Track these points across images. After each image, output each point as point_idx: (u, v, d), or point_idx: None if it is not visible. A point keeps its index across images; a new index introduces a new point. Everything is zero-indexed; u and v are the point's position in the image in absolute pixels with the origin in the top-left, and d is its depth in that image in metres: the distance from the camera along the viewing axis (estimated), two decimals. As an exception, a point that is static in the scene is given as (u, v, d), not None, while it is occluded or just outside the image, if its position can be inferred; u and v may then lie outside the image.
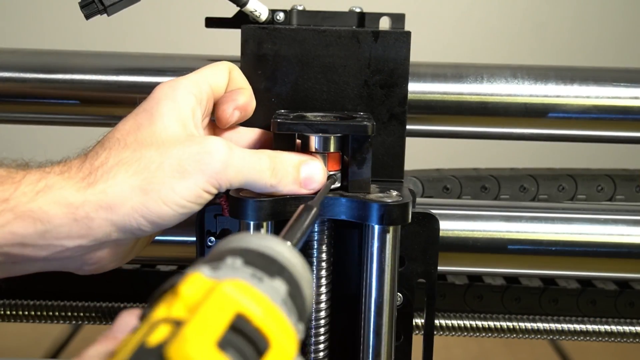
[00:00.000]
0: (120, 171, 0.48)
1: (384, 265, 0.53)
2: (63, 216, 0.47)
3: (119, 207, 0.47)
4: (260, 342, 0.31)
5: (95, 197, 0.47)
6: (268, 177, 0.51)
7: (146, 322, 0.32)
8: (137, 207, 0.48)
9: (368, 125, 0.53)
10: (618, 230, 0.65)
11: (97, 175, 0.48)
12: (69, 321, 0.73)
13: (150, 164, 0.48)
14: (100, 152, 0.49)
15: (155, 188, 0.48)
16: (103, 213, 0.47)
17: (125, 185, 0.48)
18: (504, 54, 1.74)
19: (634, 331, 0.70)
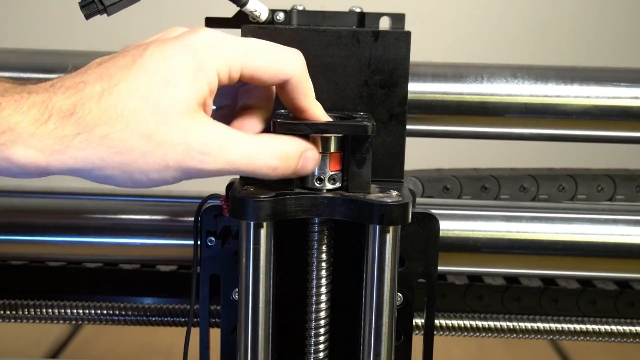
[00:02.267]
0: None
1: (384, 265, 0.53)
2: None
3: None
4: None
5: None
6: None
7: None
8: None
9: (368, 125, 0.53)
10: (618, 230, 0.65)
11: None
12: (69, 321, 0.73)
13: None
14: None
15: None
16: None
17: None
18: (504, 54, 1.74)
19: (634, 331, 0.70)
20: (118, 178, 0.48)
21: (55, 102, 0.46)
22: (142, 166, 0.47)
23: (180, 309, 0.71)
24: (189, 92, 0.48)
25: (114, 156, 0.47)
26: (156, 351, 1.29)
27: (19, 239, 0.67)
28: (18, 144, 0.46)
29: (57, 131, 0.46)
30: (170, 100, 0.47)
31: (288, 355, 0.61)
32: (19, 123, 0.46)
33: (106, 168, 0.47)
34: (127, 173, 0.48)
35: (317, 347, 0.58)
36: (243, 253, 0.54)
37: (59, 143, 0.46)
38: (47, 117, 0.46)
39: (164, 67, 0.48)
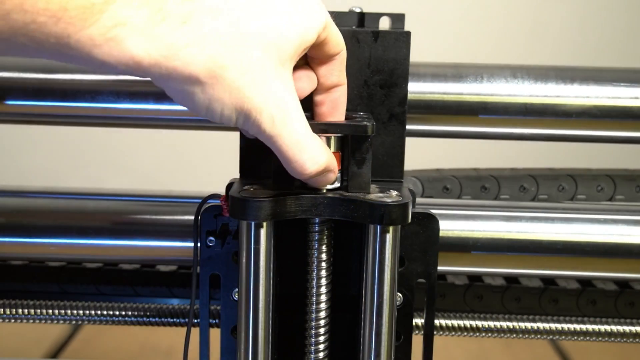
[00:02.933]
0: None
1: (384, 265, 0.53)
2: None
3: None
4: None
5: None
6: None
7: None
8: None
9: (368, 125, 0.53)
10: (618, 230, 0.65)
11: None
12: (69, 321, 0.73)
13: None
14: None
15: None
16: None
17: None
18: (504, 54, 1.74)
19: (634, 331, 0.70)
20: (197, 101, 0.48)
21: (169, 4, 0.45)
22: (224, 99, 0.47)
23: (180, 309, 0.71)
24: (297, 39, 0.48)
25: (209, 78, 0.46)
26: (156, 351, 1.29)
27: (19, 239, 0.67)
28: (129, 40, 0.44)
29: (167, 36, 0.45)
30: (281, 43, 0.48)
31: (288, 355, 0.61)
32: (131, 18, 0.44)
33: (196, 88, 0.47)
34: (207, 98, 0.47)
35: (317, 347, 0.58)
36: (243, 253, 0.54)
37: (167, 49, 0.45)
38: (160, 19, 0.45)
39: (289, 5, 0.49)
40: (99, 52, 0.44)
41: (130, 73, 0.46)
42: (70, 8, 0.42)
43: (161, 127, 0.70)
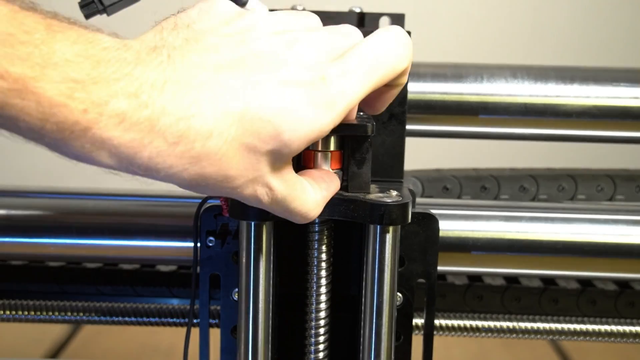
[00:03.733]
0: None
1: (384, 266, 0.53)
2: None
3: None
4: None
5: None
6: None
7: None
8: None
9: (368, 125, 0.53)
10: (618, 230, 0.65)
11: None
12: (69, 321, 0.73)
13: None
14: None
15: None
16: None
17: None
18: (504, 54, 1.74)
19: (634, 331, 0.70)
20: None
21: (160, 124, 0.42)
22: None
23: (180, 309, 0.71)
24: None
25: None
26: (156, 351, 1.29)
27: (19, 239, 0.67)
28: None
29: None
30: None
31: (288, 355, 0.61)
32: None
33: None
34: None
35: (317, 347, 0.58)
36: (243, 253, 0.54)
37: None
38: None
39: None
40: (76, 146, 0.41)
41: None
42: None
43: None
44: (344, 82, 0.45)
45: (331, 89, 0.44)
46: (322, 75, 0.44)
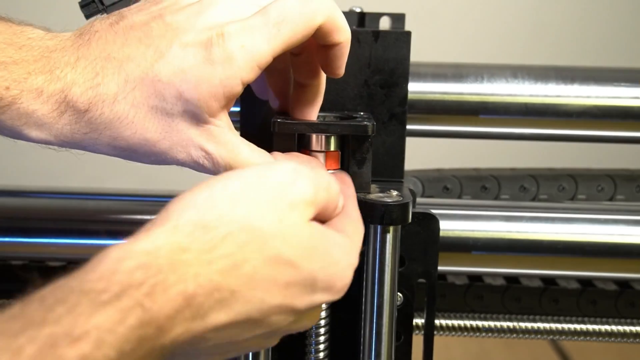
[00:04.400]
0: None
1: (384, 265, 0.53)
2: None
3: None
4: None
5: None
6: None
7: None
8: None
9: (368, 125, 0.53)
10: (618, 230, 0.65)
11: None
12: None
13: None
14: None
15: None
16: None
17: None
18: (504, 53, 1.74)
19: (634, 331, 0.70)
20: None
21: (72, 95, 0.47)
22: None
23: (180, 309, 0.71)
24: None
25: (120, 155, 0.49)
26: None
27: (19, 239, 0.67)
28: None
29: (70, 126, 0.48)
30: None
31: (288, 355, 0.61)
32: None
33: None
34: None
35: (317, 347, 0.58)
36: (243, 253, 0.53)
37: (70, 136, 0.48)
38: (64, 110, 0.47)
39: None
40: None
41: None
42: None
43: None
44: (244, 37, 0.46)
45: (229, 44, 0.46)
46: (221, 32, 0.46)
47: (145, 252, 0.35)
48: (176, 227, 0.38)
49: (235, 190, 0.40)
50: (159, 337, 0.34)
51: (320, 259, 0.41)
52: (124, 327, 0.32)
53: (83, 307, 0.32)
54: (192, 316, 0.36)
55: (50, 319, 0.31)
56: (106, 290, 0.33)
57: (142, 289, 0.34)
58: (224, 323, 0.37)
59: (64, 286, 0.33)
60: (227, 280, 0.37)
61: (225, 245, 0.38)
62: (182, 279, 0.35)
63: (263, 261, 0.38)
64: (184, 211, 0.39)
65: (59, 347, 0.30)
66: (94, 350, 0.31)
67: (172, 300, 0.34)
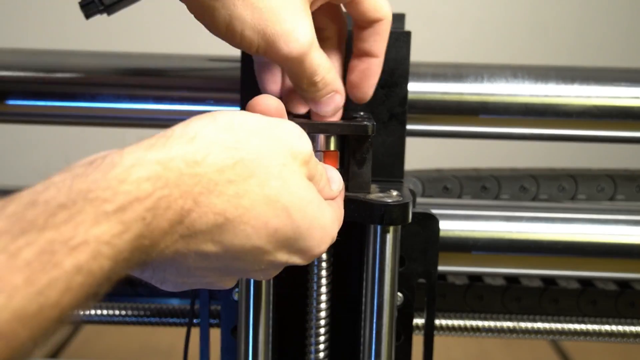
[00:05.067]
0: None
1: (384, 265, 0.53)
2: None
3: None
4: None
5: None
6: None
7: None
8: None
9: (368, 125, 0.53)
10: (619, 230, 0.65)
11: None
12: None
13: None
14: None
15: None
16: None
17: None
18: (504, 53, 1.74)
19: (634, 331, 0.70)
20: (218, 17, 0.48)
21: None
22: (245, 17, 0.47)
23: (180, 309, 0.71)
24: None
25: None
26: (156, 351, 1.29)
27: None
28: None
29: None
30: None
31: (288, 355, 0.61)
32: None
33: (216, 2, 0.47)
34: (228, 14, 0.47)
35: (317, 347, 0.58)
36: (243, 253, 0.53)
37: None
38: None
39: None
40: None
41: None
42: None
43: (161, 127, 0.70)
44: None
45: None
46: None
47: (157, 161, 0.35)
48: (194, 139, 0.37)
49: (252, 125, 0.41)
50: (149, 249, 0.35)
51: (311, 218, 0.42)
52: (122, 240, 0.33)
53: (85, 216, 0.32)
54: (182, 233, 0.36)
55: (51, 223, 0.31)
56: (111, 201, 0.33)
57: (146, 203, 0.34)
58: (206, 251, 0.38)
59: (72, 188, 0.33)
60: (226, 206, 0.37)
61: (234, 170, 0.38)
62: (184, 196, 0.36)
63: (262, 199, 0.39)
64: (204, 127, 0.39)
65: (56, 254, 0.30)
66: (90, 261, 0.31)
67: (170, 215, 0.35)
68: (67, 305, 0.31)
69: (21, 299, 0.29)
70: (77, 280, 0.31)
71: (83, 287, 0.31)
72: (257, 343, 0.55)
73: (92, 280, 0.31)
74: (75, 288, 0.31)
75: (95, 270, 0.31)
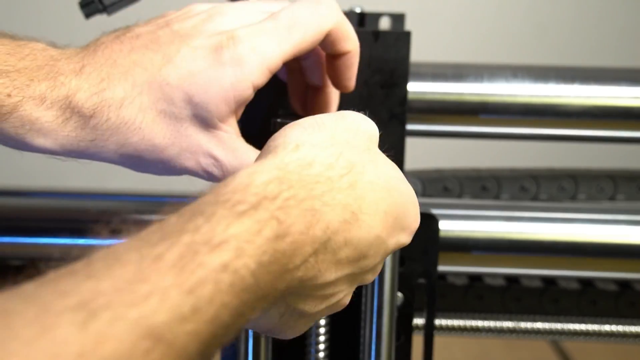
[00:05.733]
0: None
1: (384, 265, 0.53)
2: None
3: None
4: None
5: None
6: None
7: None
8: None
9: (368, 125, 0.53)
10: (619, 231, 0.64)
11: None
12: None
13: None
14: None
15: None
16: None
17: None
18: (504, 53, 1.74)
19: (634, 332, 0.70)
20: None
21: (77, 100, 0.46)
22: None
23: (180, 309, 0.71)
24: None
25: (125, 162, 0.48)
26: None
27: (19, 239, 0.67)
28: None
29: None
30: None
31: (288, 355, 0.61)
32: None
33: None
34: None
35: (317, 347, 0.58)
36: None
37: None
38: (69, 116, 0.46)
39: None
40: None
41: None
42: None
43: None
44: (255, 40, 0.46)
45: (239, 47, 0.46)
46: (231, 36, 0.46)
47: (276, 167, 0.36)
48: (299, 146, 0.38)
49: (328, 122, 0.41)
50: (292, 256, 0.34)
51: (404, 193, 0.41)
52: (262, 238, 0.32)
53: (221, 217, 0.32)
54: (319, 238, 0.35)
55: (188, 228, 0.31)
56: (243, 202, 0.33)
57: (276, 202, 0.34)
58: (342, 256, 0.37)
59: (200, 201, 0.33)
60: (348, 200, 0.37)
61: (340, 164, 0.38)
62: (310, 196, 0.36)
63: (367, 185, 0.39)
64: (301, 133, 0.39)
65: (199, 254, 0.30)
66: (234, 259, 0.31)
67: (302, 215, 0.35)
68: (221, 308, 0.30)
69: (175, 298, 0.28)
70: (225, 280, 0.30)
71: (234, 289, 0.30)
72: (257, 343, 0.55)
73: (240, 280, 0.31)
74: (224, 289, 0.30)
75: (241, 270, 0.31)
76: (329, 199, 0.36)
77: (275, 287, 0.33)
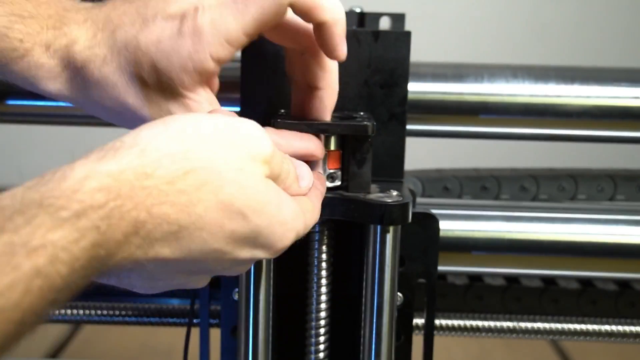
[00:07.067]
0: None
1: (384, 265, 0.53)
2: None
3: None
4: None
5: None
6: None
7: None
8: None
9: (368, 125, 0.53)
10: (619, 231, 0.65)
11: None
12: (69, 321, 0.73)
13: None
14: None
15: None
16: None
17: None
18: (504, 53, 1.74)
19: (634, 331, 0.70)
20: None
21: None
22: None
23: (180, 309, 0.71)
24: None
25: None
26: (156, 351, 1.29)
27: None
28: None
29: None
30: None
31: (288, 355, 0.61)
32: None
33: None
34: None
35: (317, 347, 0.58)
36: (243, 253, 0.53)
37: None
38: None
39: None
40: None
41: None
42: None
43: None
44: (214, 12, 0.47)
45: (199, 18, 0.47)
46: (196, 7, 0.47)
47: (108, 174, 0.36)
48: (144, 152, 0.38)
49: (205, 131, 0.41)
50: (106, 259, 0.35)
51: (269, 216, 0.42)
52: (79, 247, 0.33)
53: (42, 221, 0.32)
54: (138, 244, 0.37)
55: (9, 227, 0.31)
56: (66, 208, 0.33)
57: (100, 212, 0.34)
58: (165, 257, 0.39)
59: (24, 198, 0.33)
60: (179, 215, 0.38)
61: (185, 181, 0.38)
62: (137, 207, 0.36)
63: (216, 204, 0.39)
64: (154, 137, 0.39)
65: (16, 256, 0.31)
66: (47, 265, 0.31)
67: (124, 227, 0.35)
68: (28, 308, 0.31)
69: None
70: (36, 284, 0.31)
71: (42, 291, 0.31)
72: (257, 343, 0.55)
73: (50, 284, 0.32)
74: (34, 291, 0.31)
75: (53, 275, 0.32)
76: (157, 211, 0.37)
77: (87, 282, 0.35)
